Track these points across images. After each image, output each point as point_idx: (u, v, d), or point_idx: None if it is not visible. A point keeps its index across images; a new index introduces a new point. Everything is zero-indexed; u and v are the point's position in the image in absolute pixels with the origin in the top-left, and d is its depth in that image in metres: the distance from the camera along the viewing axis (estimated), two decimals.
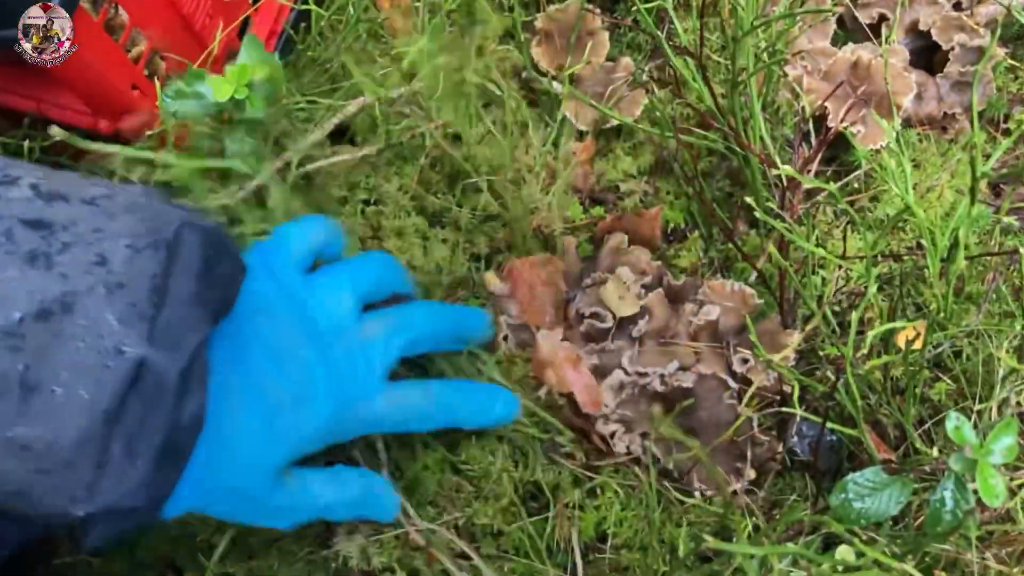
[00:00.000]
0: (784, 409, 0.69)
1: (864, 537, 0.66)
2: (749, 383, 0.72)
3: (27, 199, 0.48)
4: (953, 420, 0.43)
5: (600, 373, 0.74)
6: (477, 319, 0.74)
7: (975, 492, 0.45)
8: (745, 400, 0.71)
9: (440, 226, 0.86)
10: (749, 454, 0.71)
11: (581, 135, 0.91)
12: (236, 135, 0.72)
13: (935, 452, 0.63)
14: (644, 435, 0.73)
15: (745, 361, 0.73)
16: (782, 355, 0.71)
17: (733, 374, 0.73)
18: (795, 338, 0.73)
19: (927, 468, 0.59)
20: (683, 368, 0.73)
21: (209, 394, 0.53)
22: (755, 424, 0.71)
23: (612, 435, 0.73)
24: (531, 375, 0.76)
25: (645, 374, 0.72)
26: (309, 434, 0.60)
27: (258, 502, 0.59)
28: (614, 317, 0.75)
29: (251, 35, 0.73)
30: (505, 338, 0.77)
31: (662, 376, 0.72)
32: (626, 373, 0.73)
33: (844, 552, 0.45)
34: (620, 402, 0.73)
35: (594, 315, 0.75)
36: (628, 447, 0.73)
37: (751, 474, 0.71)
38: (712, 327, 0.75)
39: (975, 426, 0.71)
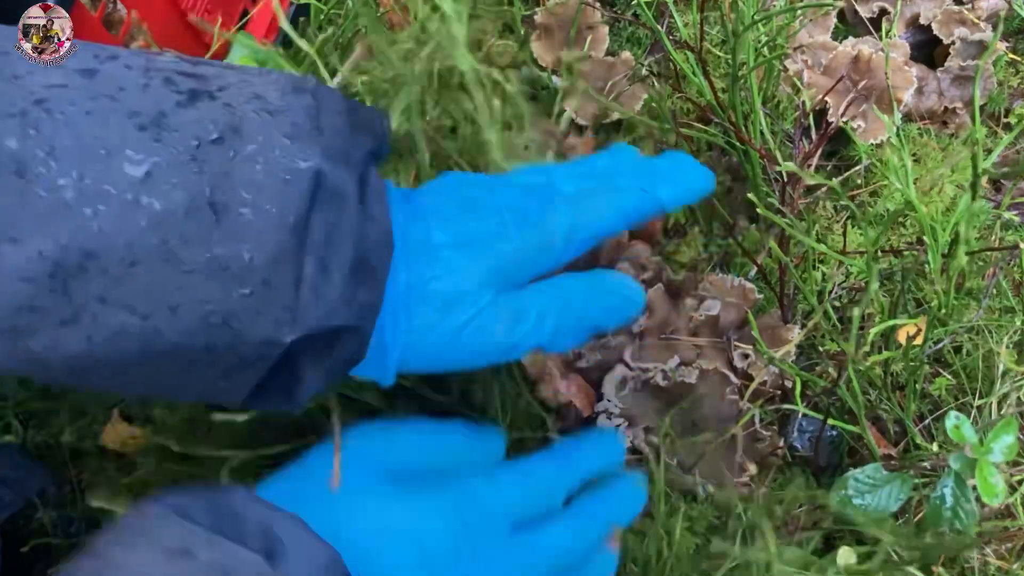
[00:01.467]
0: (786, 406, 0.69)
1: (867, 535, 0.67)
2: (750, 378, 0.72)
3: (176, 59, 0.49)
4: (953, 419, 0.43)
5: (602, 368, 0.74)
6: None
7: (975, 489, 0.45)
8: (747, 395, 0.71)
9: None
10: (749, 449, 0.72)
11: (581, 130, 0.91)
12: None
13: (935, 448, 0.63)
14: (647, 429, 0.73)
15: (746, 356, 0.73)
16: (783, 351, 0.71)
17: (734, 369, 0.73)
18: (796, 333, 0.73)
19: (927, 464, 0.59)
20: (684, 363, 0.73)
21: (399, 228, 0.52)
22: (757, 419, 0.71)
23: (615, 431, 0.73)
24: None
25: (647, 369, 0.72)
26: (509, 250, 0.55)
27: (476, 312, 0.53)
28: None
29: (243, 32, 0.73)
30: None
31: (664, 371, 0.72)
32: (628, 368, 0.73)
33: (845, 555, 0.45)
34: (623, 397, 0.73)
35: None
36: (632, 442, 0.73)
37: (752, 469, 0.72)
38: (713, 322, 0.75)
39: (975, 422, 0.71)
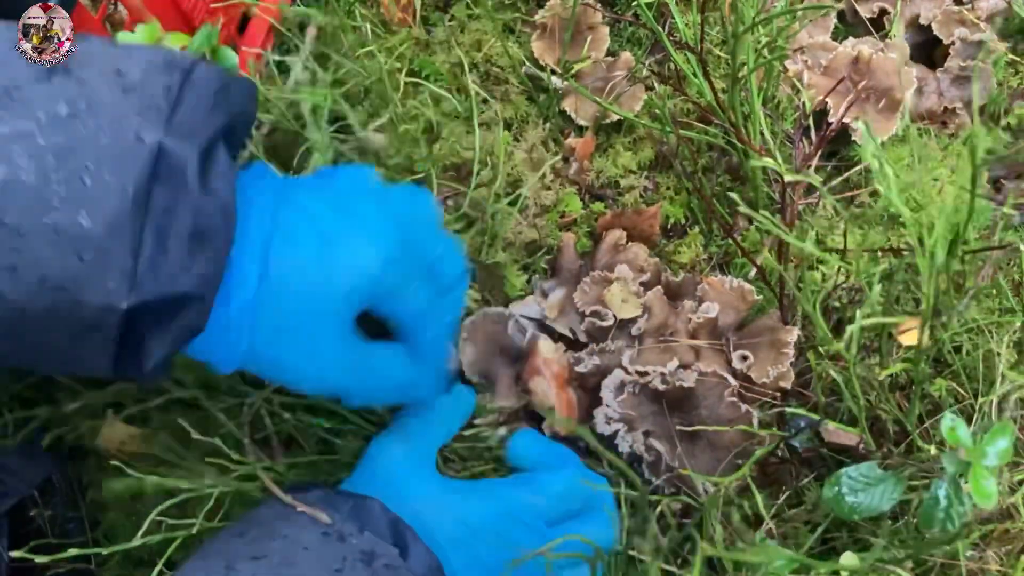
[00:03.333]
0: (789, 408, 0.69)
1: (863, 535, 0.67)
2: (749, 380, 0.72)
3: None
4: (949, 421, 0.43)
5: (601, 373, 0.74)
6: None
7: (970, 497, 0.44)
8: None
9: None
10: (747, 451, 0.71)
11: (581, 130, 0.91)
12: None
13: (933, 449, 0.63)
14: (647, 433, 0.73)
15: (744, 358, 0.73)
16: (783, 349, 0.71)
17: (733, 372, 0.73)
18: (794, 334, 0.73)
19: (923, 464, 0.59)
20: (683, 366, 0.73)
21: (261, 230, 0.56)
22: (756, 422, 0.71)
23: (614, 435, 0.73)
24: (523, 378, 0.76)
25: (645, 373, 0.72)
26: (368, 268, 0.59)
27: (322, 348, 0.59)
28: (614, 316, 0.75)
29: (206, 24, 0.72)
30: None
31: (663, 375, 0.72)
32: (626, 372, 0.73)
33: (848, 559, 0.45)
34: (621, 401, 0.73)
35: (594, 313, 0.75)
36: (631, 446, 0.73)
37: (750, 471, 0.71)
38: (711, 324, 0.75)
39: (977, 420, 0.71)
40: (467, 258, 0.71)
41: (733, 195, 0.58)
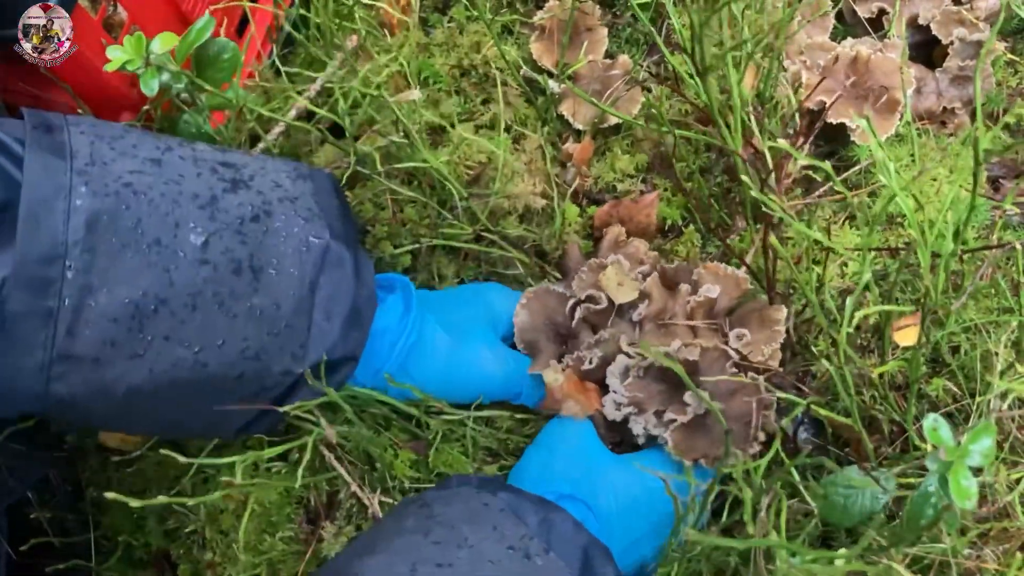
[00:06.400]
0: (792, 397, 0.68)
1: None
2: (745, 359, 0.72)
3: (211, 149, 0.65)
4: (931, 421, 0.43)
5: (606, 363, 0.75)
6: None
7: None
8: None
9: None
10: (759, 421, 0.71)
11: (579, 135, 0.91)
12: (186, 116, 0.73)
13: (930, 447, 0.63)
14: (657, 413, 0.73)
15: (740, 337, 0.73)
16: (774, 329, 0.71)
17: (729, 352, 0.73)
18: (784, 311, 0.73)
19: (920, 462, 0.59)
20: (685, 345, 0.73)
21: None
22: (762, 388, 0.70)
23: (626, 420, 0.73)
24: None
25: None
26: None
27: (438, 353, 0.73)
28: (610, 301, 0.75)
29: (200, 19, 0.72)
30: None
31: (667, 353, 0.71)
32: (629, 356, 0.74)
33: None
34: (628, 385, 0.73)
35: (589, 298, 0.76)
36: (645, 427, 0.72)
37: (761, 437, 0.70)
38: (710, 305, 0.75)
39: (974, 419, 0.71)
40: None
41: (745, 179, 0.58)
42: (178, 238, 0.57)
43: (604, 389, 0.75)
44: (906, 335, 0.70)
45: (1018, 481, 0.67)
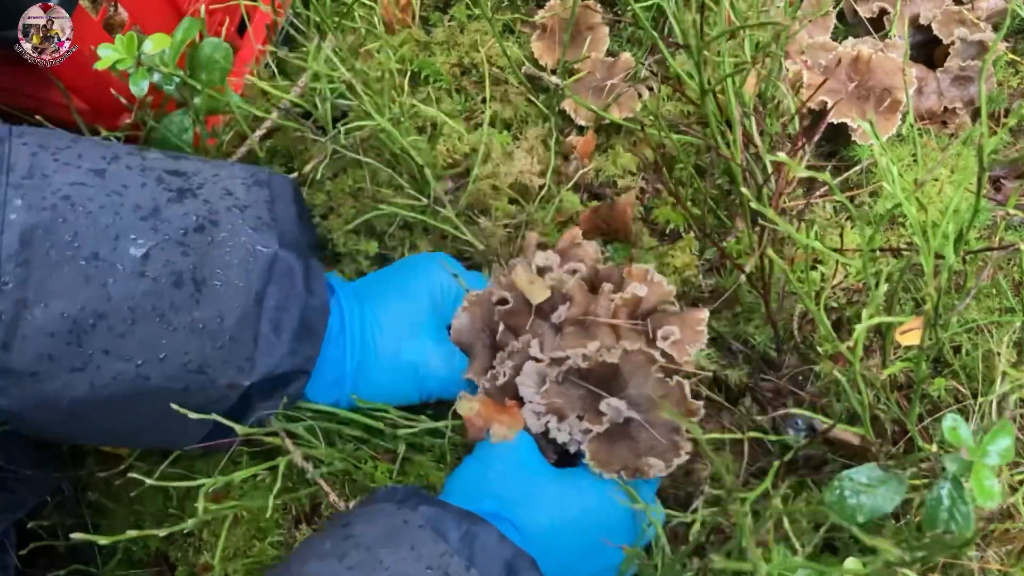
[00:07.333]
0: (795, 411, 0.68)
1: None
2: (671, 360, 0.69)
3: (161, 156, 0.64)
4: (950, 421, 0.43)
5: (518, 373, 0.71)
6: None
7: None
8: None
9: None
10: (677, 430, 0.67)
11: (581, 130, 0.91)
12: (172, 117, 0.73)
13: (934, 449, 0.63)
14: (581, 417, 0.70)
15: (666, 337, 0.70)
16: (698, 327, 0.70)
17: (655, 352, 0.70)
18: (706, 312, 0.71)
19: (923, 464, 0.59)
20: (605, 349, 0.69)
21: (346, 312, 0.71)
22: (687, 392, 0.68)
23: (546, 430, 0.70)
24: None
25: (564, 357, 0.69)
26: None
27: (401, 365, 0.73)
28: (525, 302, 0.73)
29: (187, 18, 0.72)
30: None
31: (584, 354, 0.68)
32: (537, 360, 0.70)
33: (853, 563, 0.45)
34: (544, 392, 0.70)
35: (501, 300, 0.73)
36: (570, 433, 0.69)
37: (687, 447, 0.67)
38: (634, 304, 0.72)
39: (976, 419, 0.71)
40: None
41: (744, 191, 0.58)
42: (117, 251, 0.57)
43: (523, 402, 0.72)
44: (911, 337, 0.70)
45: (1021, 482, 0.67)
